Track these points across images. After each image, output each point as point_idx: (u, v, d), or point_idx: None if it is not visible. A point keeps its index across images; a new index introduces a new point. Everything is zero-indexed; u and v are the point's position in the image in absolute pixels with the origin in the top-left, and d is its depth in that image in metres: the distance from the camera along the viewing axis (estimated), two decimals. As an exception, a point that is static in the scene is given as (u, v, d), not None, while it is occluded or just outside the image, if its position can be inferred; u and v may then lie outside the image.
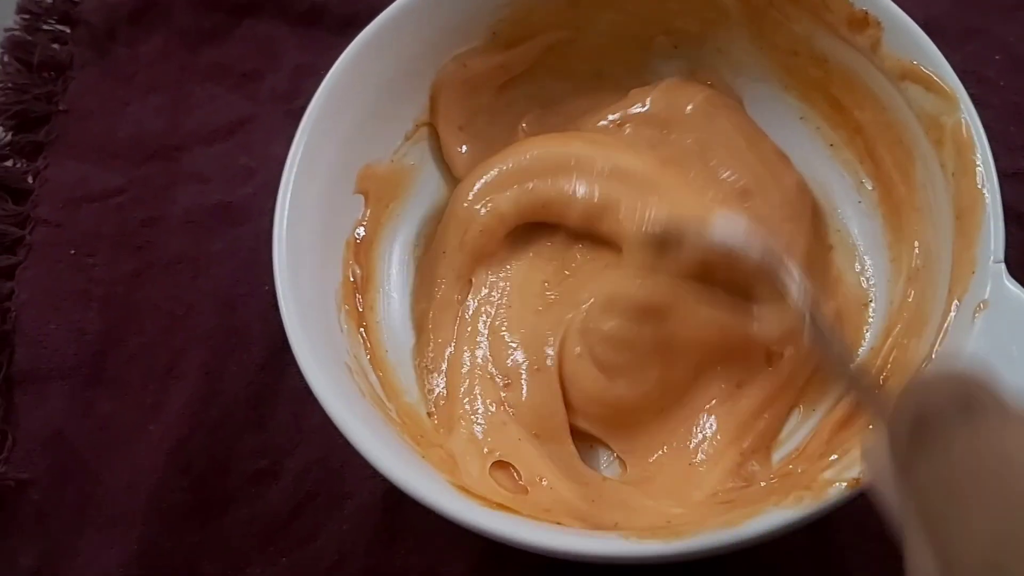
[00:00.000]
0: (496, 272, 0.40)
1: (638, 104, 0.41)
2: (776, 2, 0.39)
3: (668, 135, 0.40)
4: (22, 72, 0.48)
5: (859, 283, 0.39)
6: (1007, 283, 0.31)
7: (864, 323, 0.38)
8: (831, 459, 0.32)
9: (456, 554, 0.37)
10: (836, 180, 0.41)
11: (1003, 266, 0.31)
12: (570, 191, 0.39)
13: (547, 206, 0.40)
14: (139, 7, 0.50)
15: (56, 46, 0.50)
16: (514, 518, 0.31)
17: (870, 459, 0.23)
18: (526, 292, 0.40)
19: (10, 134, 0.47)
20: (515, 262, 0.40)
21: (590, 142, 0.40)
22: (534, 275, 0.40)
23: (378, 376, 0.36)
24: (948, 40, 0.36)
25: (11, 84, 0.48)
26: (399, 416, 0.35)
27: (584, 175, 0.39)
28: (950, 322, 0.32)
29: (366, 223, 0.39)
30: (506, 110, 0.43)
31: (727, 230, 0.35)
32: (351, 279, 0.38)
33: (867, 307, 0.38)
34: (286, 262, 0.34)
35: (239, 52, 0.49)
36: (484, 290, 0.40)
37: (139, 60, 0.49)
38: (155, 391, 0.41)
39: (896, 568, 0.21)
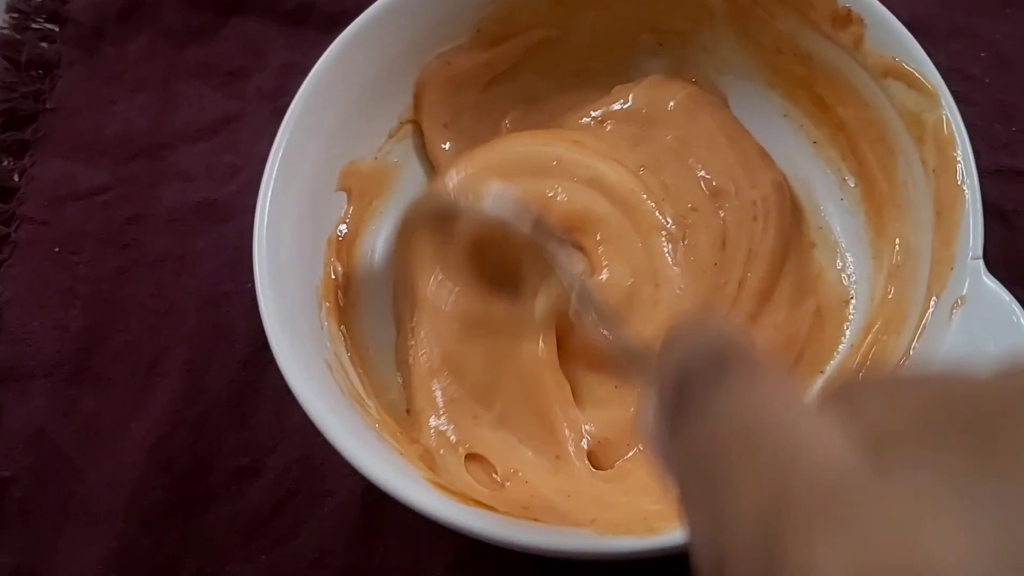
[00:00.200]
0: None
1: (620, 101, 0.41)
2: (761, 0, 0.39)
3: (649, 132, 0.40)
4: (10, 70, 0.48)
5: (840, 280, 0.39)
6: (985, 279, 0.31)
7: (845, 320, 0.38)
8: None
9: (436, 551, 0.37)
10: (819, 177, 0.41)
11: (981, 262, 0.31)
12: (550, 194, 0.39)
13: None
14: (127, 6, 0.50)
15: (44, 44, 0.50)
16: (491, 515, 0.31)
17: (644, 424, 0.22)
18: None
19: (-3, 132, 0.47)
20: None
21: (572, 143, 0.40)
22: None
23: (358, 374, 0.36)
24: (934, 38, 0.36)
25: (-1, 82, 0.48)
26: (379, 413, 0.35)
27: (564, 179, 0.39)
28: (928, 318, 0.32)
29: (348, 220, 0.39)
30: (490, 107, 0.42)
31: (499, 202, 0.34)
32: (332, 276, 0.38)
33: (848, 304, 0.38)
34: (266, 259, 0.34)
35: (226, 50, 0.49)
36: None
37: (126, 59, 0.49)
38: (138, 389, 0.41)
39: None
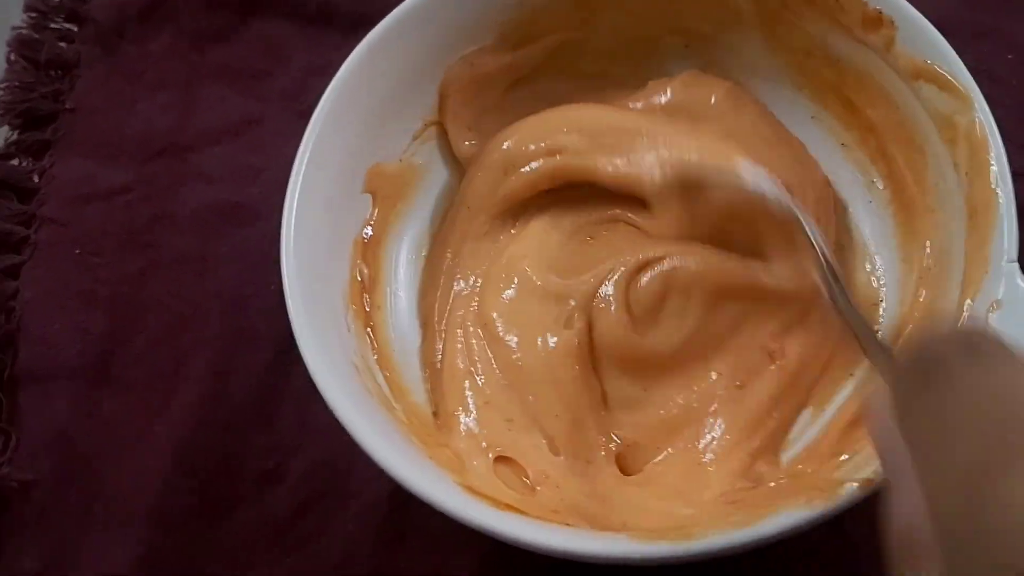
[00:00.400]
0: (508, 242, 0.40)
1: (659, 94, 0.41)
2: (790, 3, 0.39)
3: (698, 125, 0.40)
4: (29, 70, 0.48)
5: (870, 283, 0.39)
6: (1020, 283, 0.31)
7: (875, 323, 0.37)
8: (842, 459, 0.31)
9: (463, 554, 0.37)
10: (848, 179, 0.41)
11: (1016, 266, 0.31)
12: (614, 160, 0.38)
13: (587, 172, 0.39)
14: (147, 5, 0.50)
15: (63, 44, 0.49)
16: (522, 519, 0.31)
17: (872, 405, 0.24)
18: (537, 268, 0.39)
19: (16, 132, 0.47)
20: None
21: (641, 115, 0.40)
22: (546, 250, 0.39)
23: (385, 376, 0.36)
24: (959, 39, 0.36)
25: (18, 82, 0.48)
26: (406, 416, 0.35)
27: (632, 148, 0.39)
28: (963, 322, 0.32)
29: (374, 222, 0.39)
30: (514, 109, 0.42)
31: (751, 174, 0.35)
32: (358, 278, 0.38)
33: (878, 307, 0.38)
34: (294, 261, 0.34)
35: (247, 51, 0.49)
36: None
37: (147, 58, 0.49)
38: (160, 391, 0.41)
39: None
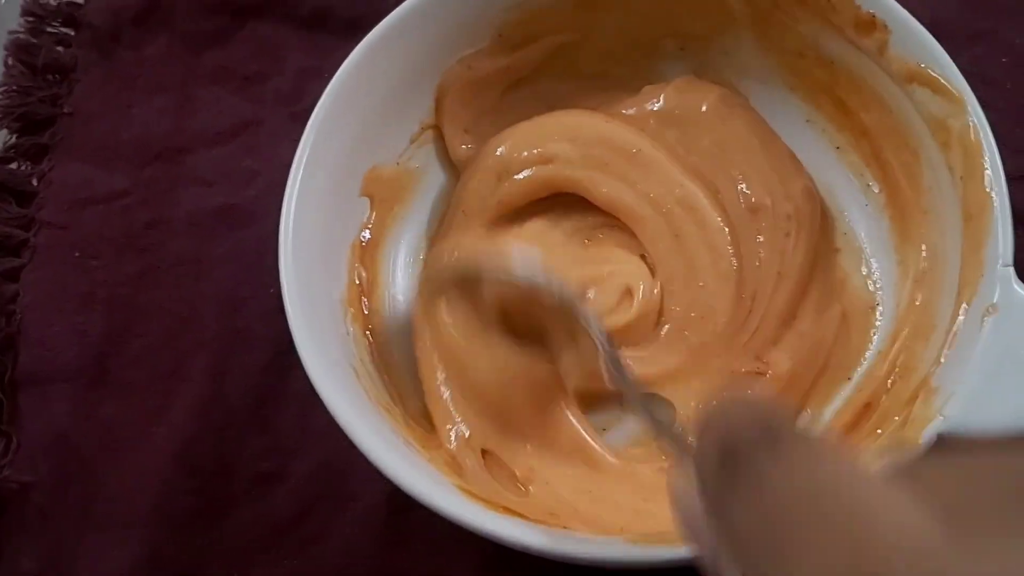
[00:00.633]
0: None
1: (653, 100, 0.41)
2: (782, 4, 0.39)
3: (685, 135, 0.40)
4: (26, 75, 0.48)
5: (866, 286, 0.39)
6: (1016, 287, 0.31)
7: (871, 326, 0.38)
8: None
9: (462, 557, 0.37)
10: (842, 183, 0.41)
11: (1012, 270, 0.31)
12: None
13: (577, 186, 0.40)
14: (143, 10, 0.50)
15: (60, 49, 0.49)
16: (520, 522, 0.31)
17: (678, 504, 0.21)
18: None
19: (14, 136, 0.47)
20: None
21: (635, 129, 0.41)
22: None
23: (383, 379, 0.36)
24: (954, 42, 0.36)
25: (15, 87, 0.48)
26: (404, 419, 0.35)
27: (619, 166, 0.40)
28: (959, 326, 0.32)
29: (371, 226, 0.39)
30: (510, 111, 0.42)
31: (525, 264, 0.33)
32: (356, 282, 0.38)
33: (874, 310, 0.38)
34: (292, 265, 0.34)
35: (243, 55, 0.49)
36: None
37: (143, 63, 0.49)
38: (159, 394, 0.41)
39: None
